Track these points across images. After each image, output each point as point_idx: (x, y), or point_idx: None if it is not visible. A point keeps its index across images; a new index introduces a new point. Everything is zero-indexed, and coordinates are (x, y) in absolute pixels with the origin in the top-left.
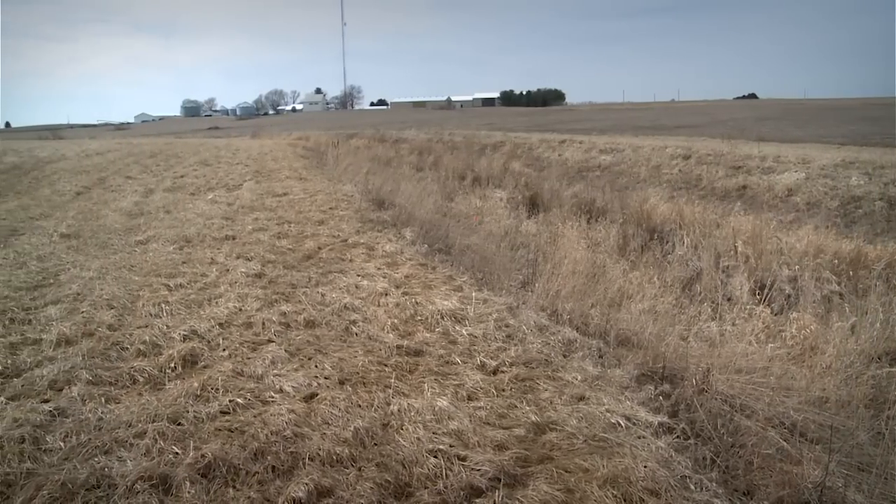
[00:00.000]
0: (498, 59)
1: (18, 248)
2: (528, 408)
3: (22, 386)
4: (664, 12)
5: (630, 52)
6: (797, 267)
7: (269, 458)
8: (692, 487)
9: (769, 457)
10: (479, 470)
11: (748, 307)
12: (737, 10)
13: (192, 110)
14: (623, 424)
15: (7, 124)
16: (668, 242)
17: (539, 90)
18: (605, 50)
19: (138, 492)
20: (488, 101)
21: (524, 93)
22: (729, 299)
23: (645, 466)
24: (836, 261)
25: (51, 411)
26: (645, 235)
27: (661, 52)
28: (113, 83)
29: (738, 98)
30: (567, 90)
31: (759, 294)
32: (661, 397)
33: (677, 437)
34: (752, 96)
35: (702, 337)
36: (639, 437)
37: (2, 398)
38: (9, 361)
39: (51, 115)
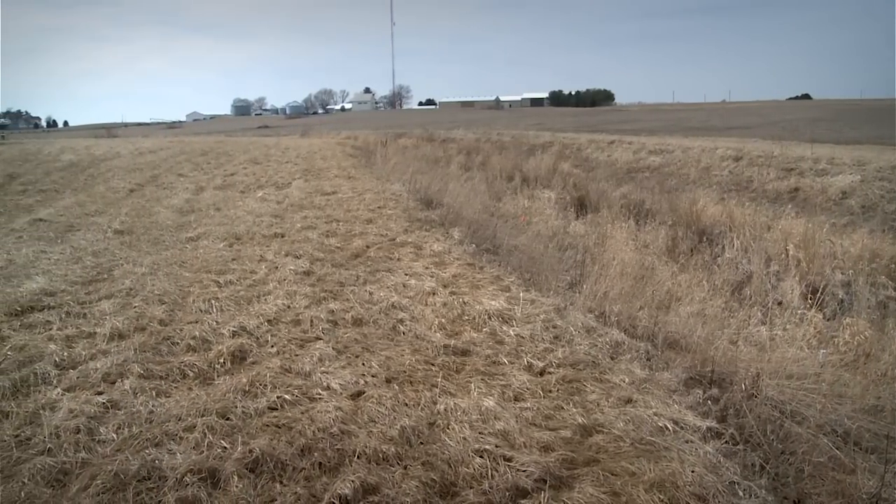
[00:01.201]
0: (547, 59)
1: (74, 244)
2: (574, 409)
3: (77, 378)
4: (716, 11)
5: (681, 52)
6: (851, 271)
7: (316, 454)
8: (741, 494)
9: (821, 465)
10: (524, 471)
11: (799, 312)
12: (791, 8)
13: (242, 109)
14: (671, 428)
15: (65, 123)
16: (717, 245)
17: (588, 90)
18: (656, 49)
19: (187, 484)
20: (537, 102)
21: (573, 93)
22: (779, 303)
23: (692, 471)
24: (892, 266)
25: (104, 403)
26: (694, 238)
27: (713, 51)
28: (166, 83)
29: (790, 98)
30: (616, 90)
31: (810, 299)
32: (709, 402)
33: (726, 442)
34: (806, 97)
35: (751, 341)
36: (686, 442)
37: (58, 389)
38: (65, 354)
39: (106, 114)
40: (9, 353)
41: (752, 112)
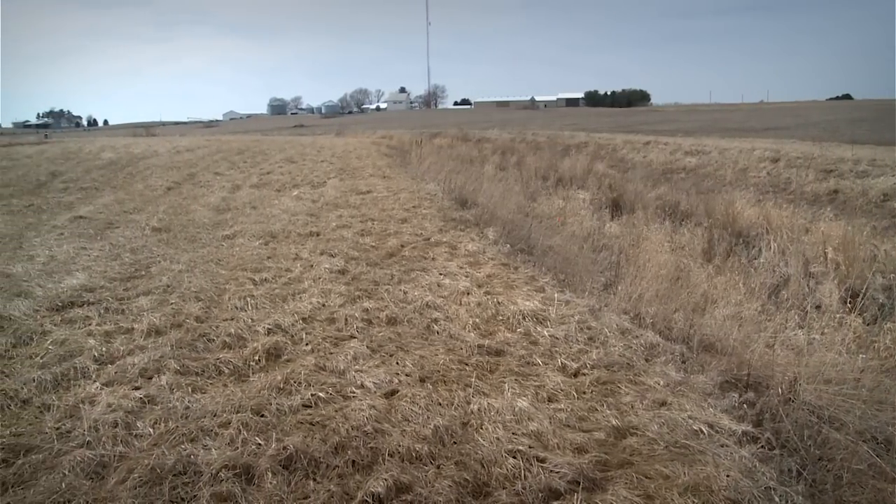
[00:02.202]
0: (582, 59)
1: (113, 241)
2: (608, 411)
3: (115, 373)
4: (754, 10)
5: (718, 52)
6: (892, 275)
7: (349, 452)
8: (777, 500)
9: (861, 472)
10: (557, 472)
11: (838, 316)
12: (832, 6)
13: (278, 108)
14: (705, 432)
15: (105, 122)
16: (754, 247)
17: (624, 90)
18: (692, 49)
19: (222, 480)
20: (572, 102)
21: (608, 93)
22: (817, 307)
23: (728, 475)
24: None
25: (141, 398)
26: (730, 240)
27: (751, 51)
28: (203, 82)
29: (831, 99)
30: (652, 90)
31: (850, 303)
32: (745, 405)
33: (762, 446)
34: (847, 97)
35: (788, 345)
36: (721, 446)
37: (97, 384)
38: (103, 349)
39: (145, 113)
40: (50, 347)
41: (791, 112)
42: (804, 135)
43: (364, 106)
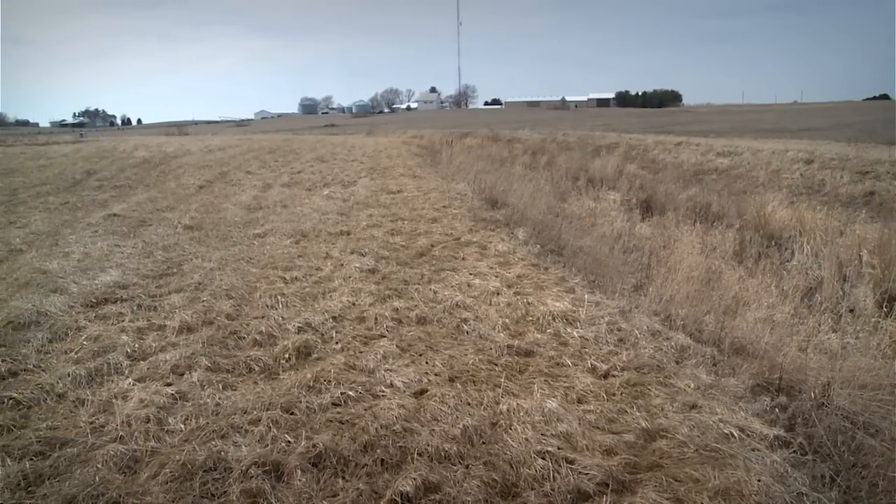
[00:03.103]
0: (613, 59)
1: (146, 238)
2: (638, 413)
3: (147, 369)
4: (787, 10)
5: (751, 51)
6: None
7: (378, 451)
8: None
9: None
10: (586, 474)
11: (873, 320)
12: (867, 4)
13: (309, 108)
14: (736, 435)
15: (139, 121)
16: (786, 249)
17: (655, 91)
18: (725, 49)
19: (252, 476)
20: (603, 102)
21: (640, 93)
22: (852, 311)
23: (759, 480)
24: None
25: (173, 394)
26: (762, 242)
27: (784, 50)
28: (235, 82)
29: (867, 99)
30: (684, 91)
31: (885, 306)
32: (776, 409)
33: (794, 451)
34: (884, 97)
35: (821, 349)
36: (753, 450)
37: (130, 379)
38: (136, 345)
39: (177, 112)
40: (84, 343)
41: (826, 113)
42: (839, 136)
43: (395, 106)
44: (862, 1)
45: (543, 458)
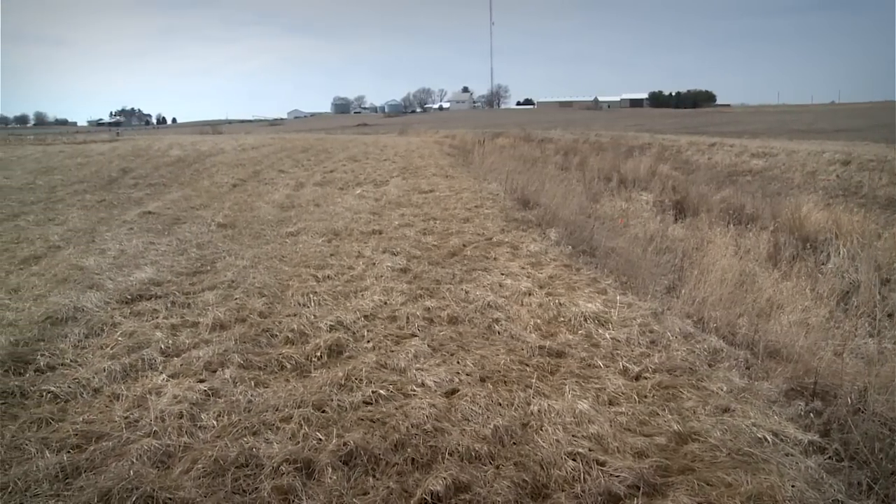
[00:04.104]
0: (646, 59)
1: (180, 236)
2: (670, 416)
3: (181, 365)
4: (825, 8)
5: (787, 51)
6: None
7: (408, 450)
8: None
9: None
10: (617, 476)
11: None
12: None
13: (341, 107)
14: (770, 440)
15: (174, 120)
16: (822, 252)
17: (689, 91)
18: (760, 49)
19: (283, 473)
20: (636, 102)
21: (673, 94)
22: (889, 315)
23: (793, 486)
24: None
25: (206, 391)
26: (797, 244)
27: (821, 50)
28: (268, 81)
29: None
30: (718, 91)
31: None
32: (811, 414)
33: (829, 457)
34: None
35: (858, 353)
36: (786, 455)
37: (164, 375)
38: (170, 342)
39: (211, 111)
40: (120, 338)
41: (864, 114)
42: (878, 137)
43: (427, 105)
44: None
45: (574, 460)
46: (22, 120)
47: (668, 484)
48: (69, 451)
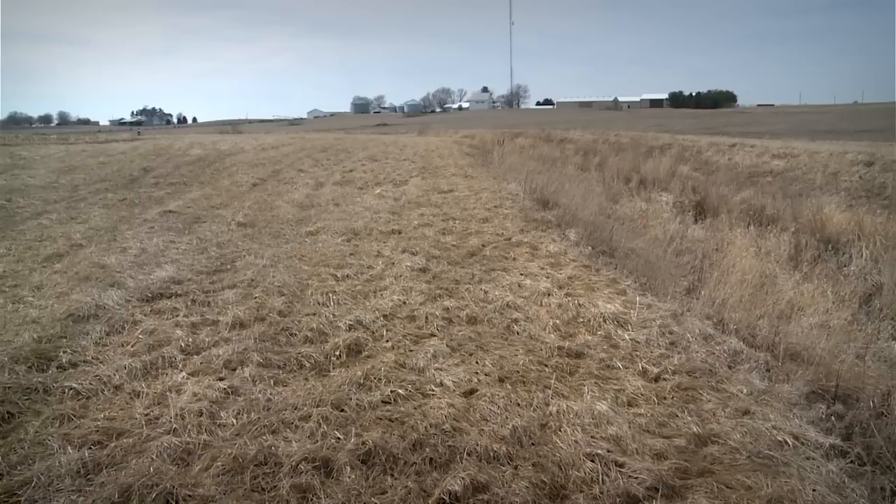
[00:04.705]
0: (666, 59)
1: (200, 235)
2: (689, 418)
3: (200, 363)
4: (847, 7)
5: (809, 51)
6: None
7: (427, 449)
8: None
9: None
10: (636, 478)
11: None
12: None
13: (361, 107)
14: (790, 443)
15: (194, 119)
16: (844, 254)
17: (709, 91)
18: (781, 49)
19: (302, 472)
20: (656, 103)
21: (693, 94)
22: None
23: (814, 490)
24: None
25: (225, 389)
26: (818, 246)
27: (844, 50)
28: (288, 81)
29: None
30: (739, 92)
31: None
32: (833, 418)
33: (851, 461)
34: None
35: (881, 357)
36: (807, 458)
37: (183, 373)
38: (189, 340)
39: (231, 111)
40: (140, 336)
41: (888, 114)
42: None
43: (446, 105)
44: None
45: (593, 461)
46: (46, 119)
47: (687, 486)
48: (90, 448)
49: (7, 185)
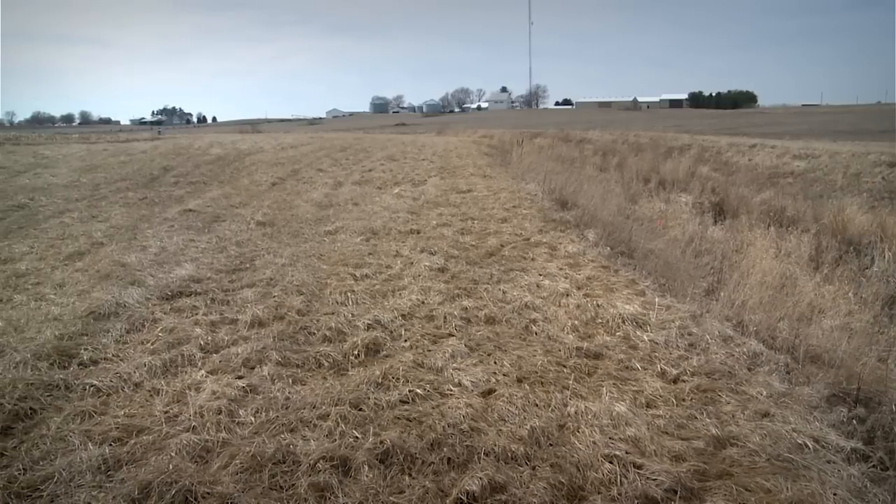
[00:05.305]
0: (686, 59)
1: (220, 234)
2: (708, 420)
3: (219, 362)
4: (870, 6)
5: (830, 51)
6: None
7: (445, 449)
8: None
9: None
10: (654, 480)
11: None
12: None
13: (380, 107)
14: (811, 446)
15: (214, 118)
16: (866, 256)
17: (729, 92)
18: (803, 49)
19: (320, 471)
20: (675, 103)
21: (713, 94)
22: None
23: (835, 494)
24: None
25: (244, 387)
26: (840, 247)
27: (867, 49)
28: (307, 81)
29: None
30: (759, 92)
31: None
32: (854, 421)
33: (873, 466)
34: None
35: None
36: (828, 462)
37: (203, 371)
38: (209, 338)
39: (251, 110)
40: (160, 334)
41: None
42: None
43: (465, 105)
44: None
45: (611, 462)
46: (68, 119)
47: (705, 488)
48: (111, 444)
49: (30, 183)
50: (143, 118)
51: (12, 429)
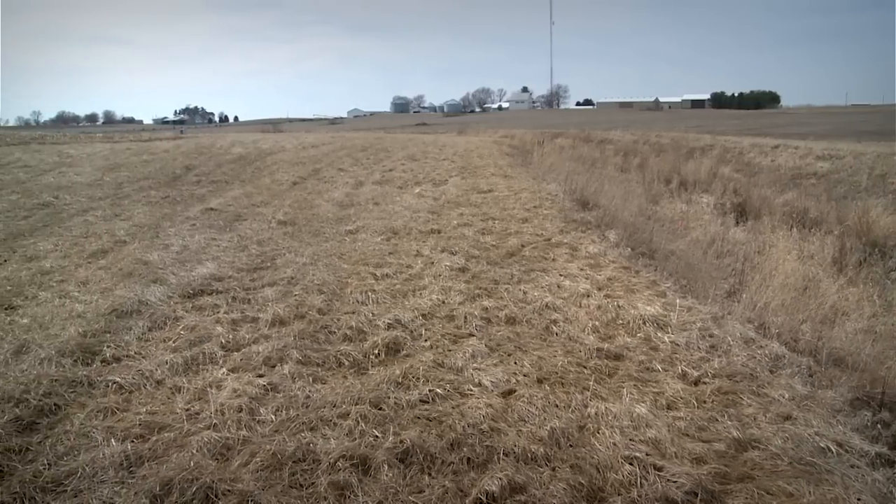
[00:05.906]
0: (708, 59)
1: (241, 233)
2: (729, 422)
3: (240, 360)
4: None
5: (856, 50)
6: None
7: (464, 449)
8: None
9: None
10: (675, 482)
11: None
12: None
13: (401, 107)
14: (834, 450)
15: (235, 118)
16: (891, 258)
17: (752, 92)
18: (827, 48)
19: (340, 469)
20: (697, 103)
21: (735, 95)
22: None
23: (858, 499)
24: None
25: (264, 386)
26: (864, 249)
27: (893, 48)
28: (328, 80)
29: None
30: (782, 92)
31: None
32: (878, 425)
33: None
34: None
35: None
36: (851, 466)
37: (224, 369)
38: (230, 336)
39: (272, 110)
40: (182, 332)
41: None
42: None
43: (486, 105)
44: None
45: (631, 464)
46: (92, 118)
47: (726, 491)
48: (133, 441)
49: (55, 182)
50: (165, 117)
51: (37, 424)
